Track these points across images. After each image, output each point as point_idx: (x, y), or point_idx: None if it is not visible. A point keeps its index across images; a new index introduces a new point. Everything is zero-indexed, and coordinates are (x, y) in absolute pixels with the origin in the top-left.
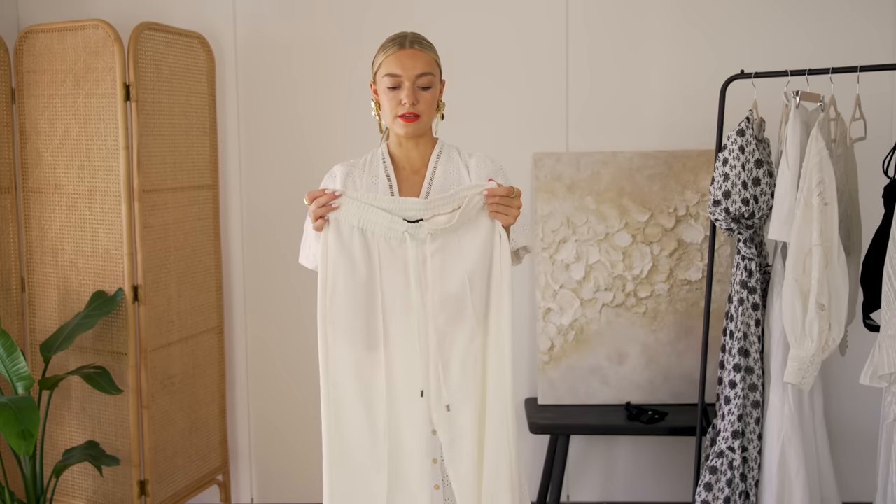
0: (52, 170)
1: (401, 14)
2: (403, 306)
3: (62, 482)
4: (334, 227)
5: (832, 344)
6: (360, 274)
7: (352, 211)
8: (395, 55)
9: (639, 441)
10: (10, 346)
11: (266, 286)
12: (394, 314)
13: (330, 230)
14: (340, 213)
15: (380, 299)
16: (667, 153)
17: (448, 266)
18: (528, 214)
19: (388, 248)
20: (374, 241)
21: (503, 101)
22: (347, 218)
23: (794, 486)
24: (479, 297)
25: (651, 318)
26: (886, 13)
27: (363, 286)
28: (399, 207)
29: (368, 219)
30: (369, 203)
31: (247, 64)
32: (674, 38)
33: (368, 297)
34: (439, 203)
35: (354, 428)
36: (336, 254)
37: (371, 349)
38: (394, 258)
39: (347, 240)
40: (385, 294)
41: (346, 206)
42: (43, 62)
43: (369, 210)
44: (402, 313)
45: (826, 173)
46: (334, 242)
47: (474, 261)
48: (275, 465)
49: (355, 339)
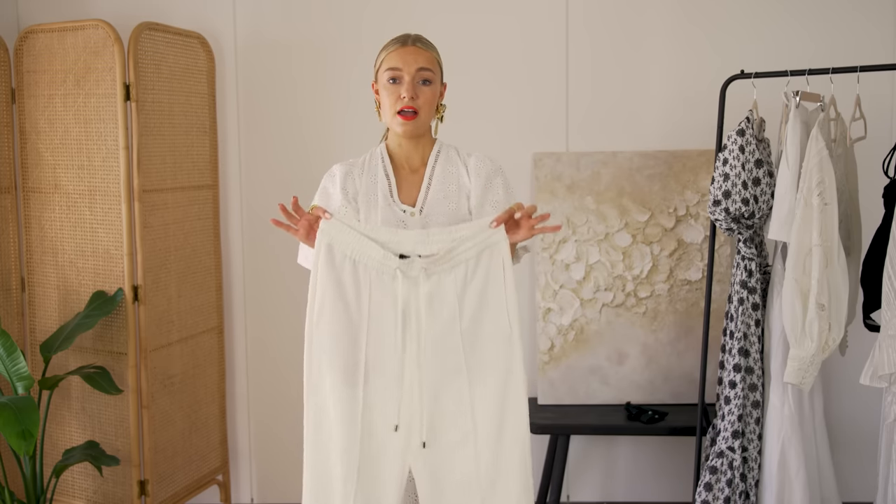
0: (52, 170)
1: (400, 14)
2: (387, 344)
3: (62, 482)
4: (327, 252)
5: (832, 344)
6: (348, 303)
7: (345, 240)
8: (397, 51)
9: (639, 441)
10: (10, 346)
11: (266, 286)
12: (377, 353)
13: (322, 255)
14: (334, 239)
15: (364, 335)
16: (667, 153)
17: (440, 310)
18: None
19: (379, 283)
20: (365, 274)
21: (503, 101)
22: (340, 246)
23: (794, 486)
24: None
25: (651, 318)
26: (886, 13)
27: (349, 316)
28: (394, 241)
29: (361, 251)
30: (362, 233)
31: (247, 64)
32: (674, 37)
33: (352, 331)
34: (438, 238)
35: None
36: (325, 280)
37: (350, 385)
38: (384, 295)
39: (339, 268)
40: (370, 331)
41: (340, 233)
42: (43, 62)
43: (362, 241)
44: (385, 352)
45: (826, 173)
46: (325, 268)
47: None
48: (275, 465)
49: (335, 370)
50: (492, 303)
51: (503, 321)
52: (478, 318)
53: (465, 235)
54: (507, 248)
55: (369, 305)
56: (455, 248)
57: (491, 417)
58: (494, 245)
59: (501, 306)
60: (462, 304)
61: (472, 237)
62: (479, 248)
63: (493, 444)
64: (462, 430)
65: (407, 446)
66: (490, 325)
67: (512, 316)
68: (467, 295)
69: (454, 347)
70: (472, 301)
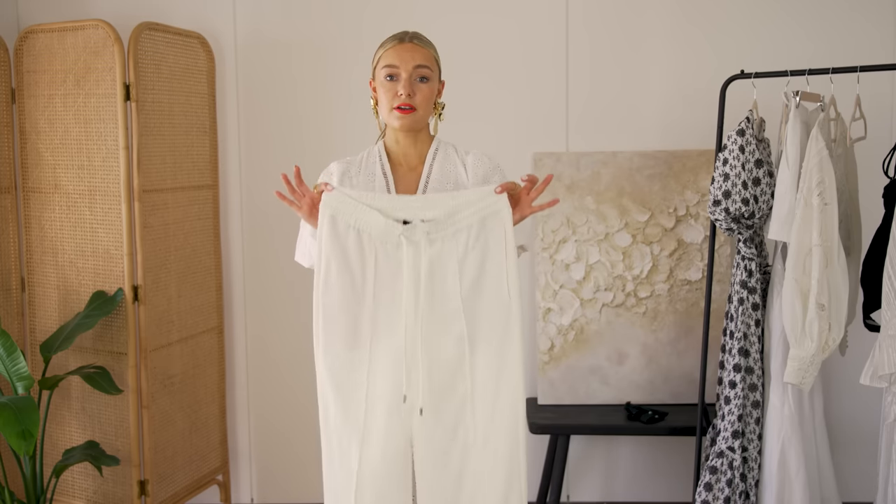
0: (52, 170)
1: (400, 13)
2: (394, 311)
3: (62, 482)
4: (330, 222)
5: (832, 344)
6: (353, 272)
7: (348, 210)
8: (394, 48)
9: (639, 441)
10: (10, 346)
11: (266, 286)
12: (383, 318)
13: (325, 225)
14: (336, 210)
15: (370, 300)
16: (667, 153)
17: (443, 276)
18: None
19: (384, 251)
20: (370, 242)
21: (503, 101)
22: (344, 217)
23: (794, 486)
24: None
25: (651, 318)
26: (886, 13)
27: (354, 285)
28: (393, 206)
29: (364, 220)
30: (364, 203)
31: (247, 64)
32: (674, 37)
33: (358, 296)
34: (439, 202)
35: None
36: (330, 249)
37: (356, 350)
38: (389, 262)
39: (343, 236)
40: (377, 297)
41: (342, 204)
42: (43, 62)
43: (364, 210)
44: (392, 318)
45: (826, 173)
46: (329, 237)
47: (473, 269)
48: (275, 465)
49: (341, 336)
50: (492, 270)
51: (503, 289)
52: (478, 285)
53: (468, 200)
54: (510, 217)
55: (375, 273)
56: (457, 212)
57: (488, 382)
58: (497, 213)
59: (501, 274)
60: (463, 271)
61: (474, 203)
62: (481, 215)
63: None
64: (461, 396)
65: (410, 411)
66: (490, 293)
67: (511, 284)
68: (468, 261)
69: (456, 313)
70: (473, 268)
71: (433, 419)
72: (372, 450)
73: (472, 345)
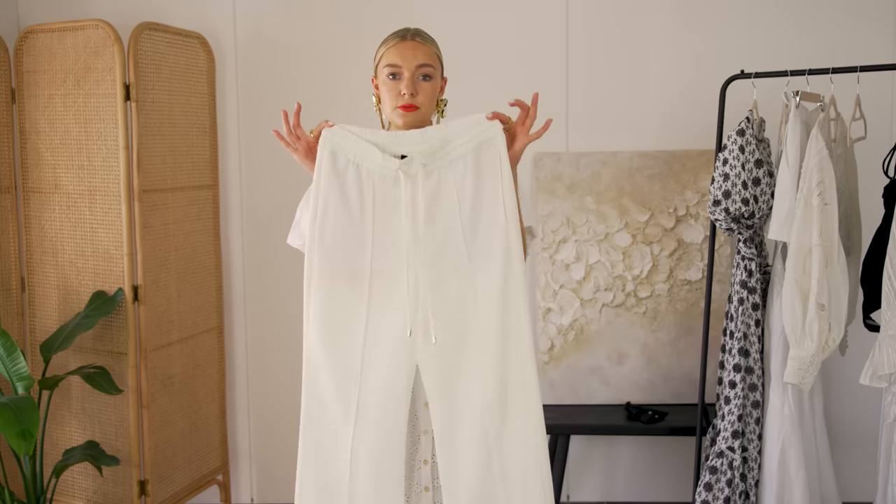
0: (52, 170)
1: (400, 13)
2: (394, 245)
3: (62, 482)
4: (330, 157)
5: (832, 344)
6: (351, 207)
7: (348, 145)
8: (396, 46)
9: (639, 441)
10: (10, 346)
11: (266, 286)
12: (382, 252)
13: (325, 162)
14: (336, 146)
15: (370, 236)
16: (667, 153)
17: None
18: (529, 200)
19: (382, 186)
20: (368, 178)
21: (503, 101)
22: (343, 152)
23: (794, 486)
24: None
25: (651, 318)
26: (886, 13)
27: (353, 220)
28: (391, 141)
29: (363, 154)
30: (364, 138)
31: (247, 64)
32: (674, 37)
33: (357, 231)
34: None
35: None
36: (329, 183)
37: (356, 287)
38: (387, 197)
39: (342, 171)
40: (375, 231)
41: (342, 139)
42: (43, 62)
43: (364, 146)
44: (392, 252)
45: (826, 173)
46: (328, 173)
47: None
48: (275, 465)
49: (340, 271)
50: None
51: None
52: (476, 213)
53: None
54: (503, 143)
55: (373, 209)
56: (451, 140)
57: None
58: (490, 140)
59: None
60: (461, 199)
61: (469, 129)
62: (475, 143)
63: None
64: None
65: (414, 345)
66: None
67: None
68: (465, 189)
69: (457, 243)
70: (470, 195)
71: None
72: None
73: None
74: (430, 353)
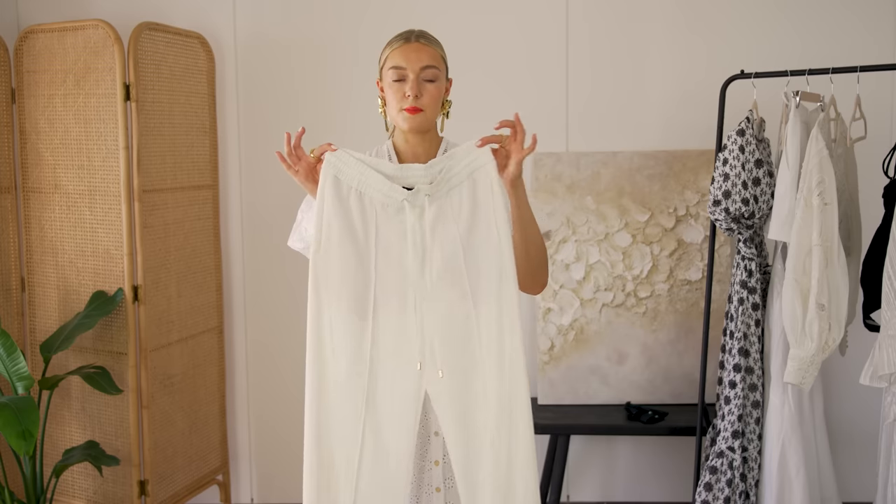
0: (52, 170)
1: (400, 13)
2: (398, 276)
3: (62, 482)
4: (333, 183)
5: (832, 344)
6: (356, 235)
7: (351, 172)
8: (401, 48)
9: (639, 441)
10: (10, 346)
11: (266, 286)
12: (386, 282)
13: (328, 187)
14: (339, 171)
15: (373, 265)
16: (667, 153)
17: (444, 234)
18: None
19: (384, 215)
20: (371, 206)
21: (503, 101)
22: (346, 178)
23: (794, 486)
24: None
25: (651, 318)
26: (886, 13)
27: (357, 248)
28: (399, 175)
29: (367, 182)
30: (368, 165)
31: (247, 64)
32: (674, 37)
33: (361, 260)
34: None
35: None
36: (333, 210)
37: (360, 317)
38: (390, 226)
39: (345, 198)
40: (378, 261)
41: (346, 165)
42: (43, 62)
43: (368, 172)
44: (396, 283)
45: (826, 173)
46: (332, 199)
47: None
48: (275, 465)
49: (344, 301)
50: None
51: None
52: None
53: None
54: (494, 168)
55: (376, 238)
56: (449, 170)
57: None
58: (482, 167)
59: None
60: (459, 226)
61: (461, 160)
62: (469, 170)
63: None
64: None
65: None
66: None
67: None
68: (462, 217)
69: (459, 271)
70: (465, 221)
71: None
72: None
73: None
74: (439, 385)
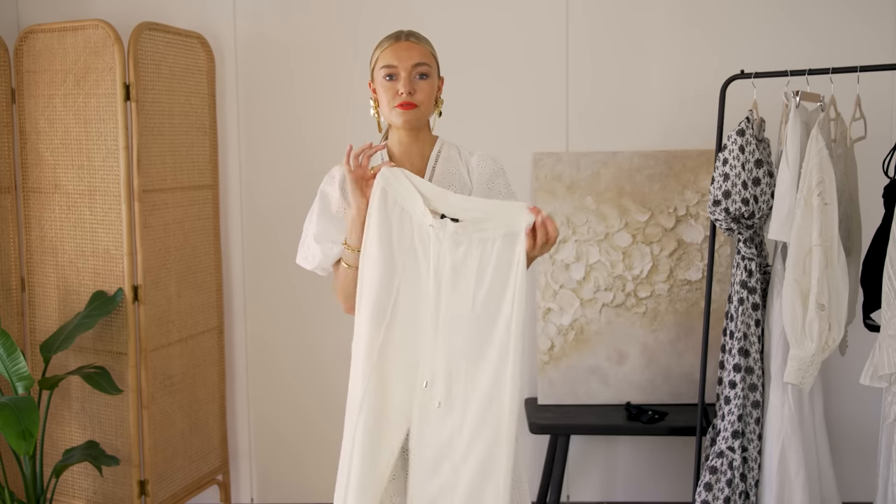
0: (52, 170)
1: (399, 12)
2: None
3: (62, 482)
4: (381, 194)
5: (832, 344)
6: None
7: (399, 188)
8: (391, 48)
9: (639, 441)
10: (10, 346)
11: (266, 286)
12: (405, 299)
13: (377, 197)
14: (388, 184)
15: (398, 280)
16: (667, 153)
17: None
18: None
19: (418, 235)
20: (409, 223)
21: (503, 101)
22: (393, 192)
23: (794, 486)
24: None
25: (651, 318)
26: (886, 13)
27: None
28: (435, 197)
29: (409, 200)
30: (413, 184)
31: (247, 64)
32: (674, 37)
33: (389, 273)
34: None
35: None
36: (377, 221)
37: (375, 324)
38: (418, 247)
39: (390, 210)
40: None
41: (396, 180)
42: (43, 62)
43: (411, 192)
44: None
45: (826, 173)
46: (379, 207)
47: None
48: (275, 465)
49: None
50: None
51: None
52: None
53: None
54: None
55: (405, 255)
56: (487, 218)
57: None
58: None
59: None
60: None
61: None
62: (506, 230)
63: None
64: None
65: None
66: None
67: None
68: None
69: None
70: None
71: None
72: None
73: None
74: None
